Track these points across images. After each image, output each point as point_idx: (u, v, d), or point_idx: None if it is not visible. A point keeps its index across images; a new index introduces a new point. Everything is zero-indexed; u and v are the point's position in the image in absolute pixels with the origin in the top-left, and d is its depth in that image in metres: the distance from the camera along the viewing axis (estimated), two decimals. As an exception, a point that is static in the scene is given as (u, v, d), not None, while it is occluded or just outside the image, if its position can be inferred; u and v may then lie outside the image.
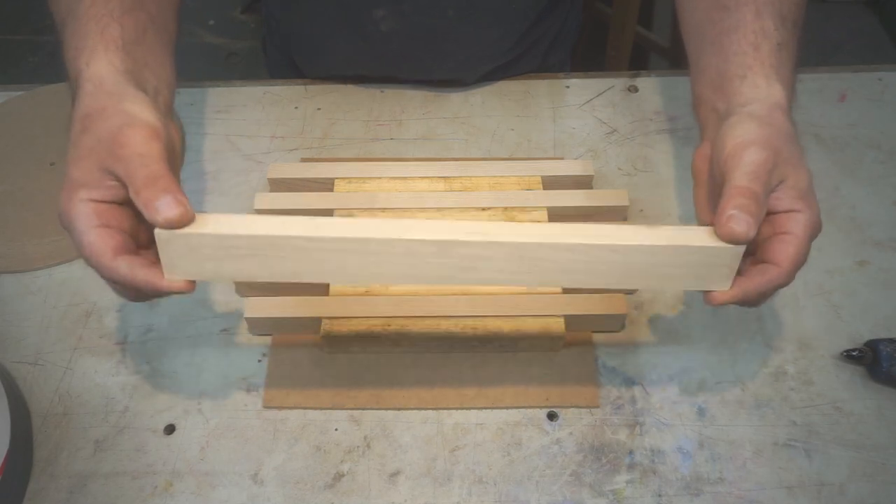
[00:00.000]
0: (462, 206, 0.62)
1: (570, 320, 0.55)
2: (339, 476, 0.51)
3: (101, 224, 0.39)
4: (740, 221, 0.38)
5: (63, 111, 0.75)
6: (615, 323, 0.57)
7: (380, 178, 0.65)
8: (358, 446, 0.52)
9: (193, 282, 0.41)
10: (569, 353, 0.56)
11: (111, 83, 0.41)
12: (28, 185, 0.69)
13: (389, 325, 0.55)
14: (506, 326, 0.55)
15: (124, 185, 0.39)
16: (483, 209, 0.62)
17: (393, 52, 0.73)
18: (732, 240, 0.38)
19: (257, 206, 0.62)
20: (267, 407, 0.54)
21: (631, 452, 0.51)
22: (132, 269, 0.39)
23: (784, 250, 0.40)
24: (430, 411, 0.54)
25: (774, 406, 0.53)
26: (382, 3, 0.68)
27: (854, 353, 0.54)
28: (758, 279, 0.41)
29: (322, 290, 0.57)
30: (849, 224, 0.65)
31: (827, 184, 0.68)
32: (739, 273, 0.42)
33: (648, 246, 0.38)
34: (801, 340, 0.57)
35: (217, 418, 0.53)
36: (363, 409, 0.54)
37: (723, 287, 0.41)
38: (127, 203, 0.40)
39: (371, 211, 0.62)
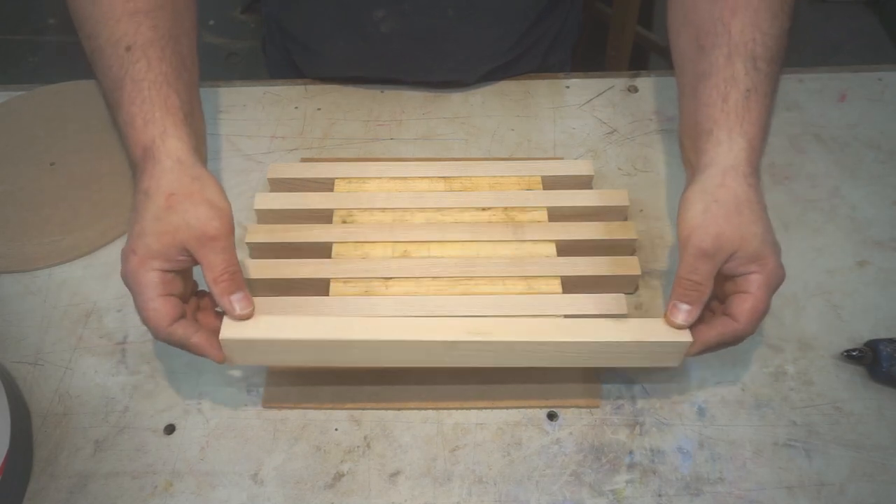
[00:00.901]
0: (462, 206, 0.62)
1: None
2: (339, 476, 0.51)
3: (165, 293, 0.45)
4: (679, 313, 0.47)
5: (62, 111, 0.75)
6: (615, 323, 0.57)
7: (380, 178, 0.65)
8: (358, 446, 0.52)
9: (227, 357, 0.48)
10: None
11: (189, 164, 0.47)
12: (28, 185, 0.69)
13: (389, 325, 0.55)
14: (506, 326, 0.55)
15: (192, 261, 0.46)
16: (483, 209, 0.62)
17: (393, 52, 0.73)
18: (676, 326, 0.47)
19: (257, 206, 0.62)
20: (267, 407, 0.54)
21: (631, 452, 0.51)
22: (186, 335, 0.46)
23: (741, 306, 0.46)
24: (430, 411, 0.54)
25: (774, 406, 0.53)
26: (382, 3, 0.68)
27: (854, 353, 0.54)
28: (717, 329, 0.47)
29: (322, 289, 0.57)
30: (849, 224, 0.65)
31: (827, 184, 0.68)
32: (706, 322, 0.49)
33: (613, 342, 0.48)
34: (801, 340, 0.57)
35: (217, 418, 0.53)
36: (363, 409, 0.54)
37: (673, 364, 0.50)
38: (184, 272, 0.47)
39: (371, 211, 0.62)
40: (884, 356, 0.53)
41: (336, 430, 0.53)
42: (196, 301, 0.50)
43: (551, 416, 0.53)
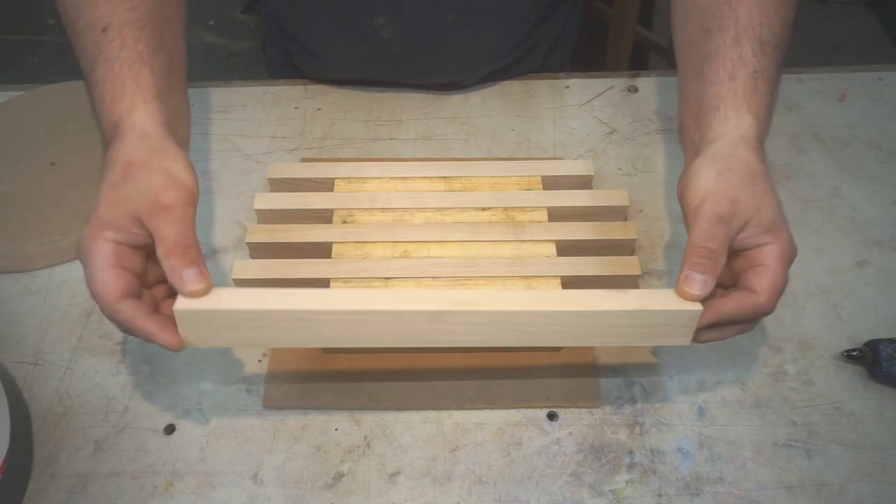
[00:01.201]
0: (462, 206, 0.62)
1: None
2: (339, 476, 0.51)
3: (116, 265, 0.42)
4: (694, 283, 0.43)
5: (62, 111, 0.75)
6: (615, 323, 0.57)
7: (380, 178, 0.65)
8: (358, 446, 0.52)
9: (182, 341, 0.43)
10: (569, 352, 0.56)
11: (155, 136, 0.44)
12: (28, 185, 0.69)
13: (389, 325, 0.55)
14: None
15: (150, 236, 0.42)
16: (483, 209, 0.62)
17: (393, 56, 0.73)
18: (689, 298, 0.43)
19: (257, 206, 0.62)
20: (267, 407, 0.54)
21: (631, 452, 0.51)
22: (134, 315, 0.42)
23: (759, 280, 0.43)
24: (430, 411, 0.54)
25: (774, 406, 0.53)
26: (383, 10, 0.68)
27: (854, 353, 0.54)
28: (735, 301, 0.44)
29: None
30: (849, 224, 0.65)
31: (827, 184, 0.68)
32: (719, 296, 0.45)
33: (614, 311, 0.43)
34: (801, 340, 0.57)
35: (217, 418, 0.53)
36: (363, 409, 0.54)
37: (683, 341, 0.45)
38: (142, 247, 0.43)
39: (371, 211, 0.62)
40: (884, 356, 0.53)
41: (336, 430, 0.53)
42: (164, 290, 0.46)
43: (551, 416, 0.53)
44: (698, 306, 0.43)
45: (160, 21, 0.50)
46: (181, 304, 0.41)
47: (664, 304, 0.43)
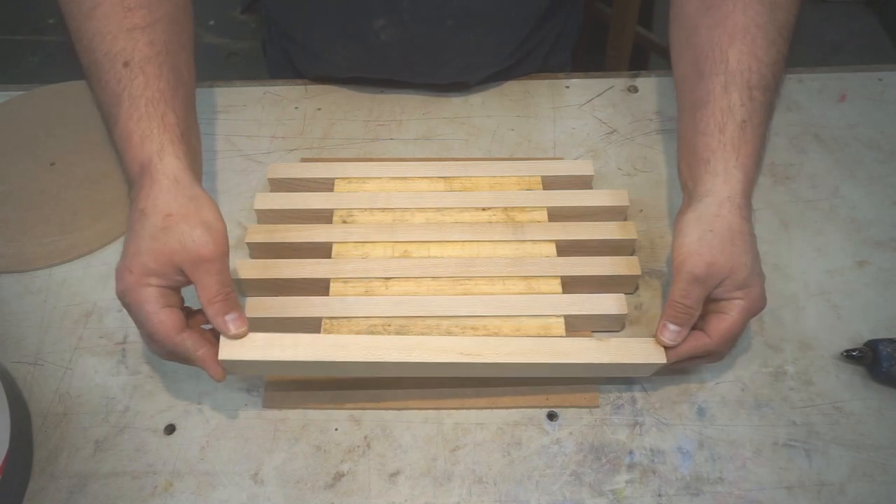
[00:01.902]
0: (462, 206, 0.62)
1: (570, 320, 0.55)
2: (339, 476, 0.51)
3: (167, 304, 0.46)
4: (669, 333, 0.49)
5: (62, 111, 0.75)
6: (615, 323, 0.57)
7: (380, 178, 0.65)
8: (358, 446, 0.52)
9: (225, 374, 0.49)
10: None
11: (186, 184, 0.47)
12: (28, 185, 0.69)
13: (389, 325, 0.55)
14: (506, 326, 0.54)
15: (188, 280, 0.47)
16: (483, 209, 0.62)
17: (393, 59, 0.73)
18: (663, 344, 0.50)
19: (257, 207, 0.62)
20: (267, 407, 0.54)
21: (631, 452, 0.51)
22: (196, 346, 0.47)
23: (717, 326, 0.49)
24: (430, 411, 0.54)
25: (774, 406, 0.53)
26: (382, 12, 0.68)
27: (854, 353, 0.54)
28: (690, 342, 0.50)
29: (322, 290, 0.57)
30: (849, 224, 0.65)
31: (827, 184, 0.68)
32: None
33: (595, 364, 0.50)
34: (801, 340, 0.57)
35: (217, 418, 0.53)
36: (363, 409, 0.54)
37: (645, 374, 0.54)
38: (180, 288, 0.48)
39: (371, 211, 0.62)
40: (884, 356, 0.53)
41: (336, 430, 0.53)
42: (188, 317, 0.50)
43: (551, 416, 0.53)
44: (663, 357, 0.50)
45: (175, 53, 0.52)
46: (224, 354, 0.47)
47: (635, 358, 0.50)
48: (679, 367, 0.53)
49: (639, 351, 0.51)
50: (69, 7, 0.51)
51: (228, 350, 0.47)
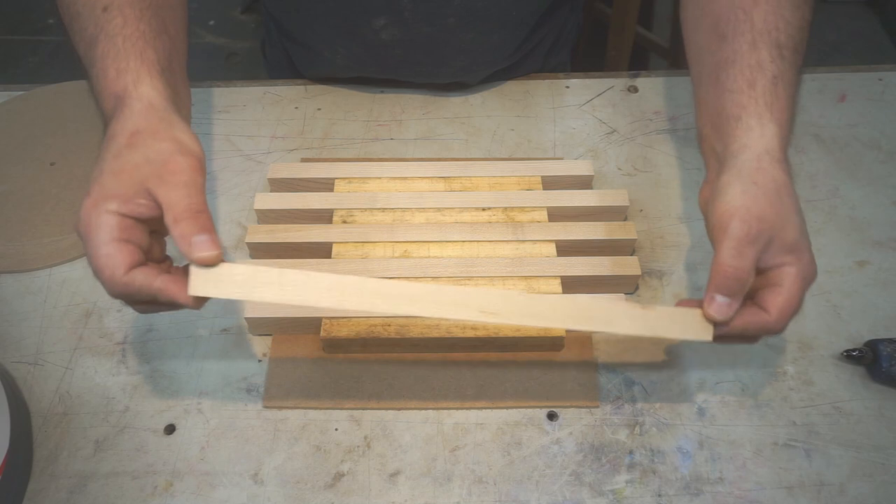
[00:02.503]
0: (462, 207, 0.62)
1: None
2: (339, 476, 0.51)
3: (121, 238, 0.40)
4: (720, 307, 0.43)
5: (62, 111, 0.75)
6: (615, 323, 0.57)
7: (380, 178, 0.65)
8: (358, 446, 0.52)
9: (204, 300, 0.42)
10: (569, 352, 0.56)
11: (161, 107, 0.43)
12: (28, 185, 0.69)
13: (389, 325, 0.55)
14: (505, 327, 0.55)
15: (157, 206, 0.40)
16: (483, 209, 0.62)
17: (394, 58, 0.73)
18: (713, 320, 0.44)
19: (257, 207, 0.62)
20: (267, 407, 0.54)
21: (631, 452, 0.51)
22: (148, 279, 0.40)
23: (773, 300, 0.43)
24: (430, 411, 0.54)
25: (774, 406, 0.53)
26: (383, 11, 0.68)
27: (854, 353, 0.54)
28: (744, 317, 0.44)
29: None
30: (849, 224, 0.65)
31: (827, 184, 0.68)
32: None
33: (629, 335, 0.45)
34: (801, 340, 0.57)
35: (217, 418, 0.53)
36: (363, 409, 0.54)
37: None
38: (147, 221, 0.41)
39: (371, 211, 0.62)
40: (884, 356, 0.53)
41: (336, 430, 0.53)
42: (167, 266, 0.44)
43: (551, 416, 0.53)
44: (709, 336, 0.44)
45: (160, 6, 0.48)
46: (195, 290, 0.40)
47: (677, 333, 0.45)
48: (737, 342, 0.47)
49: (683, 324, 0.44)
50: None
51: (201, 285, 0.40)
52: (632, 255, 0.61)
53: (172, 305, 0.41)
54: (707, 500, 0.49)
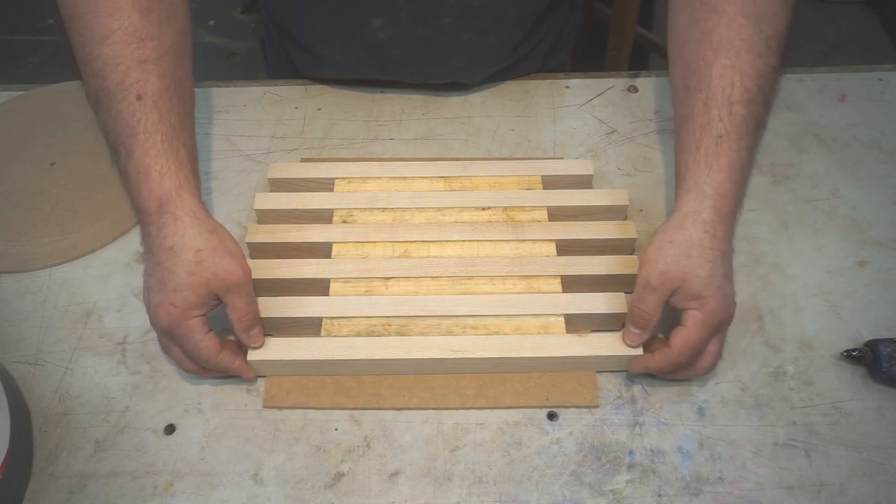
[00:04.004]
0: (462, 206, 0.62)
1: (570, 319, 0.55)
2: (339, 476, 0.51)
3: (208, 331, 0.52)
4: (631, 335, 0.53)
5: (62, 111, 0.75)
6: (615, 322, 0.57)
7: (380, 178, 0.65)
8: (358, 446, 0.52)
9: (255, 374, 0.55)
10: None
11: (203, 217, 0.52)
12: (28, 185, 0.69)
13: (389, 325, 0.55)
14: (506, 326, 0.55)
15: (220, 303, 0.52)
16: (483, 209, 0.62)
17: (392, 59, 0.73)
18: (628, 345, 0.53)
19: (257, 207, 0.62)
20: (267, 407, 0.54)
21: (631, 452, 0.51)
22: (232, 360, 0.53)
23: (675, 338, 0.51)
24: (430, 411, 0.53)
25: (774, 406, 0.53)
26: (380, 11, 0.68)
27: (854, 353, 0.54)
28: (656, 357, 0.52)
29: (322, 290, 0.57)
30: (849, 224, 0.65)
31: (827, 184, 0.68)
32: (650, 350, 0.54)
33: (577, 357, 0.53)
34: (801, 340, 0.57)
35: (217, 418, 0.53)
36: (363, 409, 0.54)
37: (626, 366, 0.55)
38: (211, 311, 0.53)
39: (371, 211, 0.62)
40: (884, 356, 0.53)
41: (336, 430, 0.53)
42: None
43: (551, 416, 0.53)
44: (640, 351, 0.53)
45: (182, 82, 0.55)
46: (252, 356, 0.53)
47: (614, 350, 0.53)
48: (672, 378, 0.54)
49: (614, 345, 0.54)
50: (78, 30, 0.52)
51: (255, 352, 0.54)
52: (632, 254, 0.61)
53: (238, 375, 0.54)
54: (707, 500, 0.49)
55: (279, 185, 0.65)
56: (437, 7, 0.68)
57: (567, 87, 0.78)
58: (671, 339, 0.51)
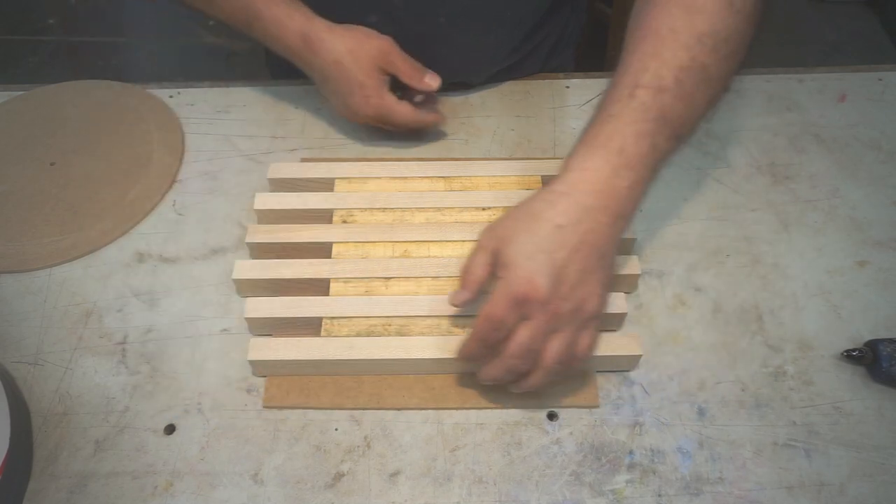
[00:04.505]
0: (462, 206, 0.62)
1: (570, 320, 0.55)
2: (339, 476, 0.51)
3: (398, 99, 0.65)
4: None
5: (62, 111, 0.75)
6: (615, 322, 0.57)
7: (380, 177, 0.65)
8: (358, 446, 0.52)
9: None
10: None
11: (334, 25, 0.63)
12: (28, 185, 0.69)
13: (389, 325, 0.55)
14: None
15: (391, 73, 0.65)
16: (483, 209, 0.62)
17: None
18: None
19: (257, 206, 0.62)
20: (267, 407, 0.54)
21: (631, 452, 0.51)
22: (426, 117, 0.68)
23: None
24: (430, 411, 0.53)
25: (774, 406, 0.53)
26: (374, 7, 0.68)
27: (854, 353, 0.54)
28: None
29: (322, 290, 0.57)
30: (849, 224, 0.65)
31: (827, 184, 0.68)
32: None
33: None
34: (801, 340, 0.57)
35: (217, 418, 0.53)
36: (363, 409, 0.54)
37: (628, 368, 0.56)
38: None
39: (371, 211, 0.62)
40: (884, 356, 0.53)
41: (336, 430, 0.53)
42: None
43: (551, 416, 0.53)
44: (637, 350, 0.53)
45: None
46: (253, 356, 0.54)
47: (611, 350, 0.53)
48: (523, 387, 0.50)
49: (616, 344, 0.54)
50: None
51: (256, 352, 0.54)
52: (632, 255, 0.61)
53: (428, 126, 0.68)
54: (707, 500, 0.49)
55: (279, 185, 0.65)
56: (432, 5, 0.68)
57: (567, 87, 0.78)
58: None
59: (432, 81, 0.65)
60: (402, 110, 0.65)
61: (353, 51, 0.62)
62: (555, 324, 0.46)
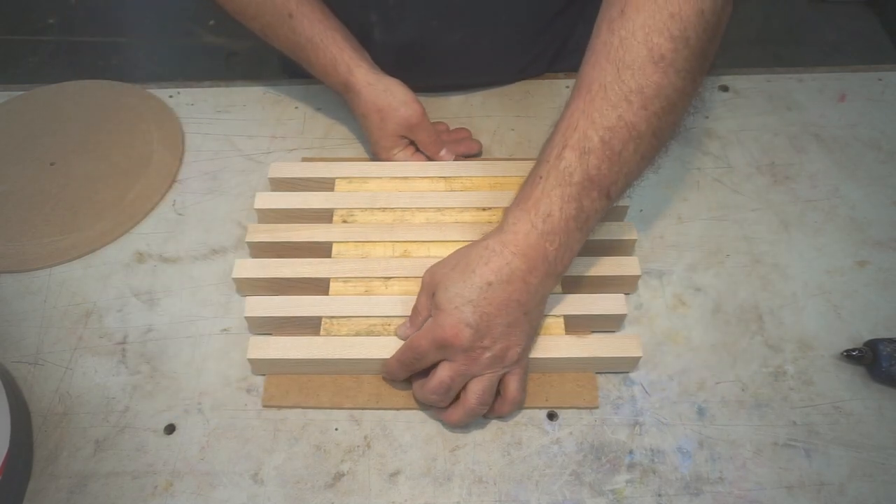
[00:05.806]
0: (462, 206, 0.62)
1: (570, 320, 0.55)
2: (339, 476, 0.51)
3: (413, 153, 0.68)
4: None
5: (62, 111, 0.75)
6: (615, 323, 0.57)
7: (380, 177, 0.65)
8: (358, 446, 0.52)
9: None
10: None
11: (374, 80, 0.65)
12: (28, 185, 0.69)
13: (389, 325, 0.55)
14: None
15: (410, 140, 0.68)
16: (483, 209, 0.62)
17: (388, 59, 0.72)
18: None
19: (258, 206, 0.62)
20: (267, 407, 0.54)
21: (631, 452, 0.51)
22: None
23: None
24: (430, 411, 0.53)
25: (774, 406, 0.53)
26: (374, 6, 0.68)
27: (854, 353, 0.54)
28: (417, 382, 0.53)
29: (322, 289, 0.57)
30: (849, 224, 0.65)
31: (827, 184, 0.68)
32: None
33: (575, 358, 0.54)
34: (801, 340, 0.57)
35: (217, 418, 0.53)
36: (363, 408, 0.54)
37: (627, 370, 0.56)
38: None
39: (371, 210, 0.62)
40: (884, 356, 0.53)
41: (336, 429, 0.53)
42: None
43: (551, 416, 0.53)
44: (637, 352, 0.54)
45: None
46: (252, 354, 0.54)
47: (611, 352, 0.54)
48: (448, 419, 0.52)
49: (615, 346, 0.54)
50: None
51: (255, 350, 0.54)
52: (632, 255, 0.61)
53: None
54: (707, 500, 0.49)
55: (280, 185, 0.65)
56: (425, 7, 0.67)
57: (567, 87, 0.78)
58: None
59: (446, 156, 0.67)
60: (411, 165, 0.68)
61: (383, 112, 0.65)
62: (475, 369, 0.49)
